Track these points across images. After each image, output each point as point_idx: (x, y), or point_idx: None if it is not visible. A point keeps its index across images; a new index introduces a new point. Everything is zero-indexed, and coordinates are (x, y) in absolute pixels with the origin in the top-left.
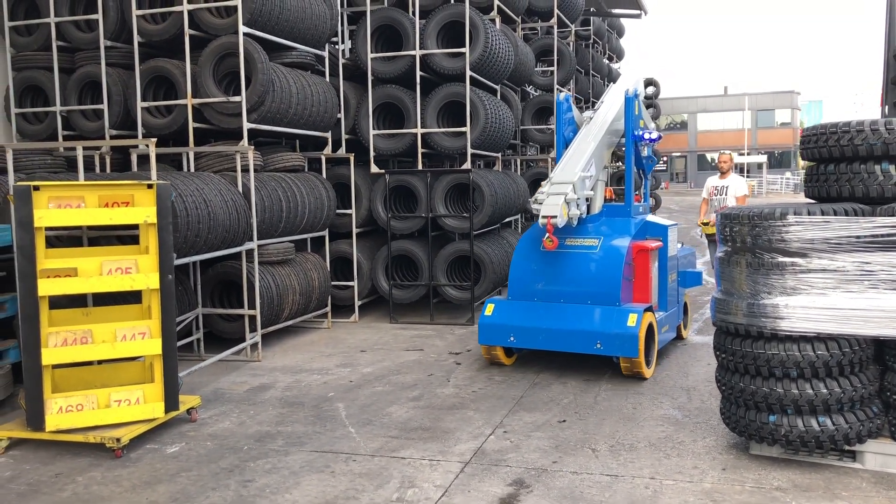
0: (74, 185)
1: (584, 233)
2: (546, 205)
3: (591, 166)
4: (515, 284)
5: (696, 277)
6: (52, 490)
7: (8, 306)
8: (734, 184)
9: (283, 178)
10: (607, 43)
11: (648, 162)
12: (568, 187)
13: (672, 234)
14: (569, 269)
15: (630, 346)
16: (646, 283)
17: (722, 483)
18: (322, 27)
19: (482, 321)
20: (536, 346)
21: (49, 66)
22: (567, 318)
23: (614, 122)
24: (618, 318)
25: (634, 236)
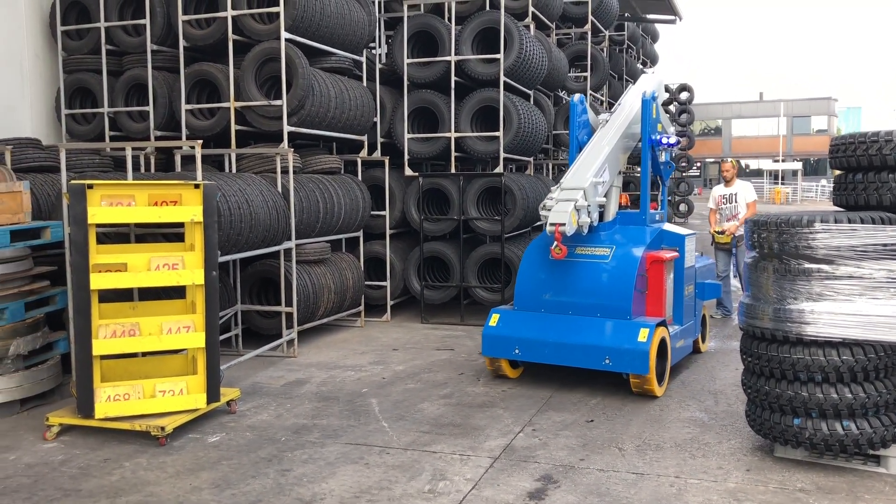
0: (125, 184)
1: (595, 241)
2: (554, 212)
3: (605, 171)
4: (522, 294)
5: (716, 289)
6: (101, 474)
7: (58, 299)
8: (742, 190)
9: (320, 180)
10: (641, 48)
11: (666, 168)
12: (578, 193)
13: (689, 244)
14: (578, 279)
15: (640, 362)
16: (659, 295)
17: (746, 483)
18: (360, 33)
19: (486, 332)
20: (542, 359)
21: (98, 68)
22: (575, 331)
23: (631, 125)
24: (628, 333)
25: (649, 246)
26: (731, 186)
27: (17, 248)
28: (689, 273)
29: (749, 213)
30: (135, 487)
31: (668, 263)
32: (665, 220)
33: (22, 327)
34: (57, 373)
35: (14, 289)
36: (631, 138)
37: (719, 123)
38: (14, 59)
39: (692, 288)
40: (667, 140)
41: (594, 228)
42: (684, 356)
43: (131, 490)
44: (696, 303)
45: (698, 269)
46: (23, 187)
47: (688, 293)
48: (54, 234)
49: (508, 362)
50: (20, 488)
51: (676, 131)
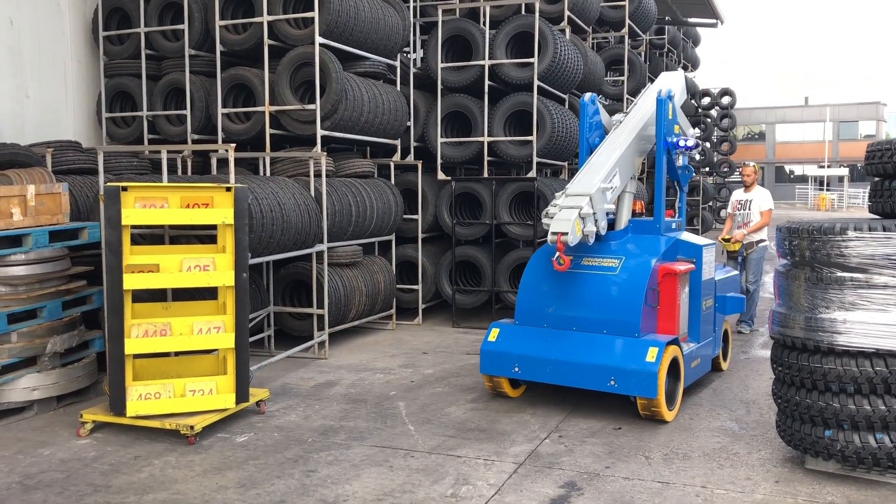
0: (159, 186)
1: (604, 251)
2: (556, 220)
3: (615, 176)
4: (524, 307)
5: (739, 303)
6: (130, 471)
7: (95, 299)
8: (758, 198)
9: (353, 184)
10: (682, 52)
11: (684, 172)
12: (584, 200)
13: (708, 255)
14: (583, 292)
15: (648, 384)
16: (672, 310)
17: (774, 495)
18: (394, 38)
19: (484, 347)
20: (542, 378)
21: (137, 73)
22: (578, 349)
23: (646, 126)
24: (635, 352)
25: (661, 257)
26: (749, 192)
27: (55, 248)
28: (708, 286)
29: (762, 221)
30: (162, 485)
31: (683, 276)
32: (683, 228)
33: (59, 326)
34: (92, 371)
35: (52, 288)
36: (646, 140)
37: (763, 128)
38: (58, 65)
39: (711, 302)
40: (684, 143)
41: (603, 238)
42: (702, 375)
43: (159, 488)
44: (717, 318)
45: (719, 282)
46: (62, 189)
47: (706, 308)
48: (92, 234)
49: (509, 381)
50: (53, 483)
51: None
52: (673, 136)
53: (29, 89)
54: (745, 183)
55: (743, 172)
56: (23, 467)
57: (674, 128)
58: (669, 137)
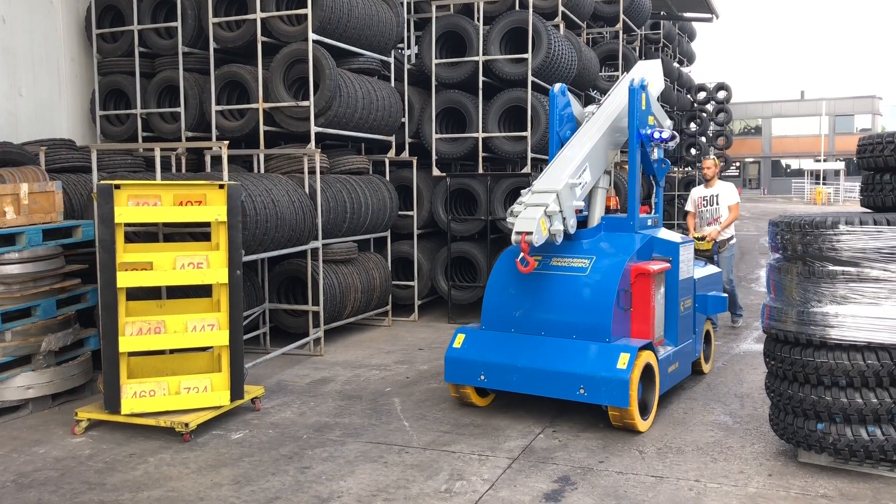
0: (151, 184)
1: (574, 251)
2: (521, 219)
3: (585, 171)
4: (490, 311)
5: (721, 302)
6: (125, 468)
7: (89, 297)
8: (724, 192)
9: (347, 180)
10: (677, 46)
11: (660, 166)
12: (550, 197)
13: (685, 253)
14: (552, 294)
15: (619, 393)
16: (646, 312)
17: (767, 488)
18: (388, 34)
19: (448, 355)
20: (509, 387)
21: (131, 70)
22: (546, 356)
23: (620, 118)
24: (605, 358)
25: (634, 256)
26: (711, 187)
27: (49, 247)
28: (686, 285)
29: (731, 216)
30: (157, 482)
31: (658, 276)
32: (660, 225)
33: (53, 324)
34: (87, 369)
35: (46, 286)
36: (620, 133)
37: (759, 122)
38: (51, 62)
39: (690, 302)
40: (659, 135)
41: (574, 236)
42: (681, 380)
43: (154, 485)
44: (697, 319)
45: (699, 280)
46: (56, 187)
47: (684, 308)
48: (85, 233)
49: (475, 389)
50: (47, 481)
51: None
52: (647, 128)
53: (22, 87)
54: (706, 177)
55: (703, 166)
56: (17, 466)
57: (648, 119)
58: (643, 129)
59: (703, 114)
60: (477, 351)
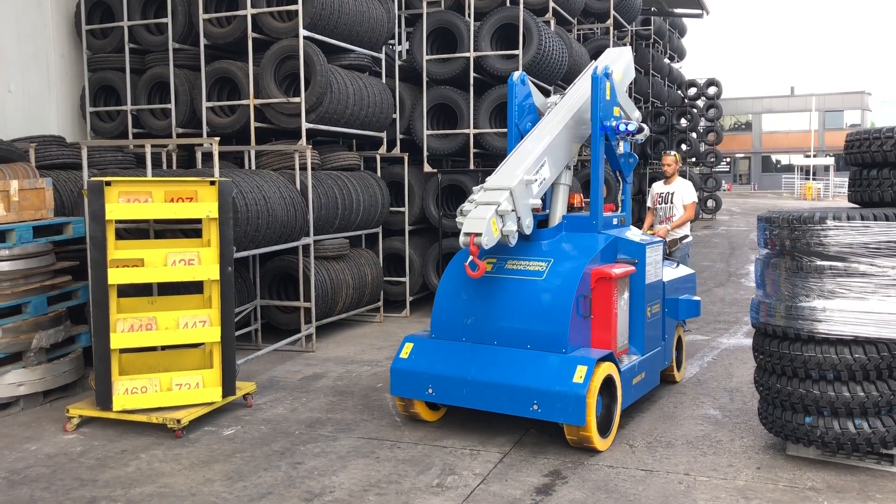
0: (142, 181)
1: (531, 253)
2: (469, 219)
3: (543, 166)
4: (441, 318)
5: (694, 307)
6: (117, 465)
7: (80, 294)
8: (680, 190)
9: (339, 177)
10: (668, 42)
11: (627, 161)
12: (503, 195)
13: (653, 254)
14: (506, 300)
15: (574, 409)
16: (608, 320)
17: (756, 481)
18: (379, 30)
19: (394, 366)
20: (458, 402)
21: (121, 67)
22: (497, 368)
23: (584, 109)
24: (561, 371)
25: (596, 258)
26: (670, 184)
27: (39, 244)
28: (653, 289)
29: (685, 216)
30: (150, 479)
31: (622, 280)
32: (628, 224)
33: (44, 321)
34: (79, 366)
35: (37, 283)
36: (585, 125)
37: (749, 118)
38: (41, 59)
39: (658, 307)
40: (624, 127)
41: (532, 237)
42: (648, 391)
43: (146, 481)
44: (667, 324)
45: (669, 283)
46: (46, 184)
47: (651, 314)
48: (76, 229)
49: (426, 403)
50: (39, 478)
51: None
52: (612, 120)
53: (11, 84)
54: (666, 174)
55: (663, 162)
56: (9, 462)
57: (613, 110)
58: (607, 121)
59: (694, 109)
60: (425, 362)
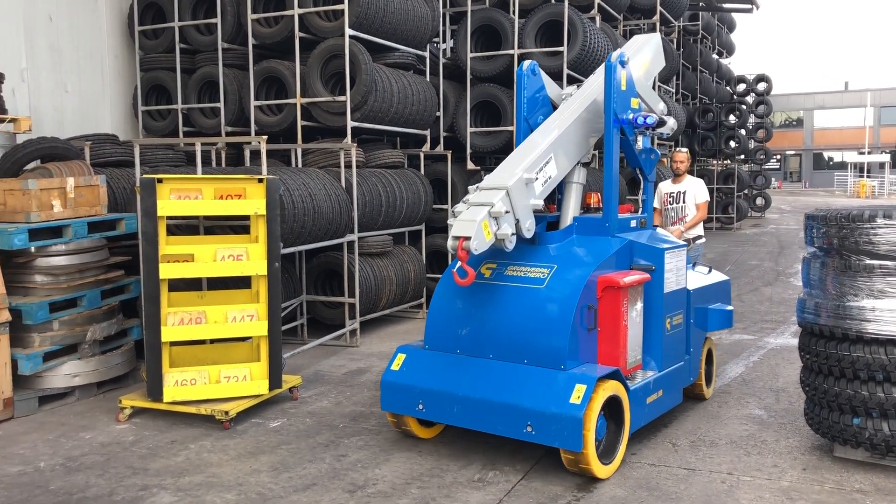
0: (193, 178)
1: (535, 258)
2: (459, 221)
3: (549, 163)
4: (435, 328)
5: (725, 317)
6: (168, 454)
7: (132, 288)
8: (692, 188)
9: (383, 174)
10: (717, 38)
11: (647, 157)
12: (497, 195)
13: (673, 260)
14: (503, 310)
15: (570, 433)
16: (616, 333)
17: (801, 482)
18: (424, 28)
19: (385, 378)
20: (449, 420)
21: (172, 66)
22: (490, 384)
23: (599, 101)
24: (557, 390)
25: (604, 265)
26: (680, 183)
27: (94, 239)
28: (674, 299)
29: (699, 216)
30: (198, 468)
31: (633, 289)
32: (650, 226)
33: (98, 314)
34: (131, 358)
35: (91, 277)
36: (601, 117)
37: (801, 114)
38: (96, 60)
39: (681, 318)
40: (643, 120)
41: (539, 240)
42: (666, 411)
43: (195, 471)
44: (693, 336)
45: (697, 292)
46: (100, 181)
47: (672, 326)
48: (129, 225)
49: (417, 419)
50: (94, 465)
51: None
52: (629, 112)
53: (68, 84)
54: (677, 171)
55: (674, 159)
56: (66, 450)
57: (630, 101)
58: (622, 114)
59: (743, 106)
60: (416, 375)
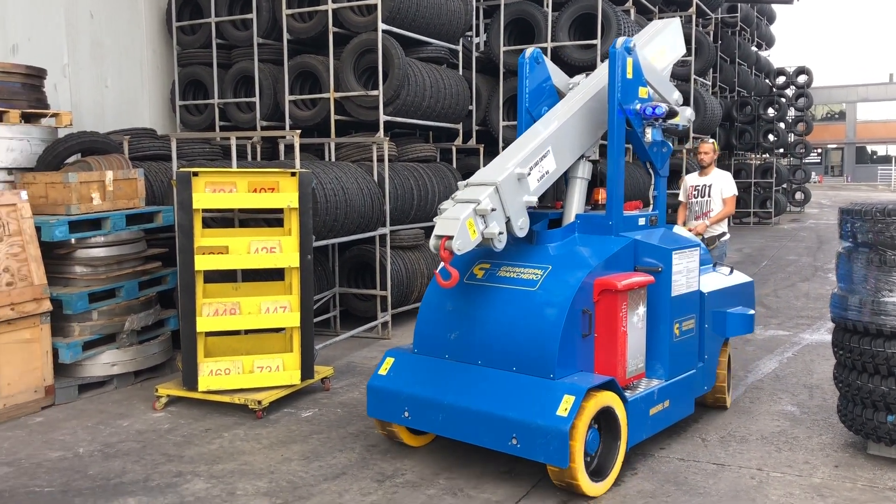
0: (227, 171)
1: (532, 258)
2: (442, 219)
3: (547, 157)
4: (423, 331)
5: (745, 322)
6: (202, 442)
7: (169, 279)
8: (719, 182)
9: (415, 168)
10: (755, 30)
11: (658, 150)
12: (485, 192)
13: (682, 261)
14: (493, 314)
15: (556, 447)
16: (614, 339)
17: (832, 479)
18: (456, 22)
19: (371, 383)
20: (434, 429)
21: (209, 62)
22: (476, 392)
23: (605, 90)
24: (543, 400)
25: (603, 266)
26: (706, 176)
27: (132, 231)
28: (685, 302)
29: (725, 210)
30: (231, 456)
31: (634, 293)
32: (662, 224)
33: (136, 305)
34: (167, 348)
35: (129, 269)
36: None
37: (843, 107)
38: (134, 55)
39: (693, 323)
40: (651, 111)
41: (539, 238)
42: (675, 422)
43: (228, 458)
44: (707, 342)
45: (714, 294)
46: (138, 174)
47: (682, 332)
48: (166, 218)
49: (406, 427)
50: (130, 452)
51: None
52: (635, 102)
53: (108, 79)
54: (702, 164)
55: (699, 150)
56: (104, 437)
57: (637, 90)
58: (629, 104)
59: (782, 99)
60: (403, 381)
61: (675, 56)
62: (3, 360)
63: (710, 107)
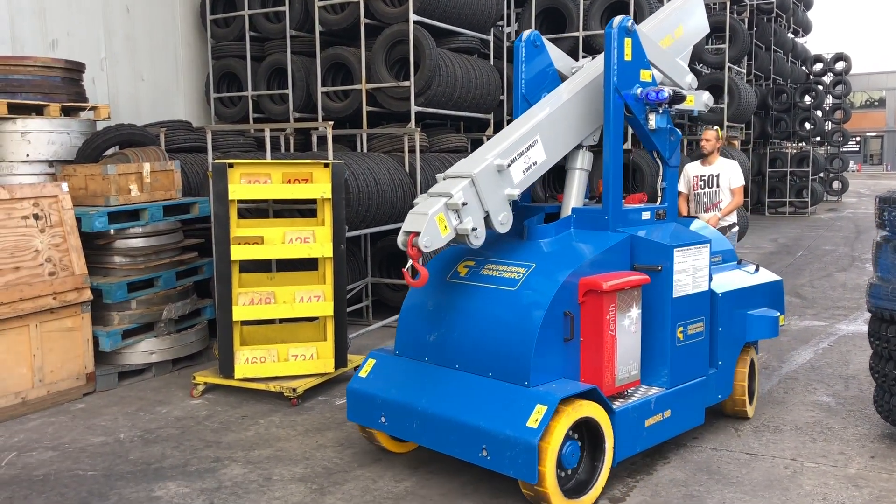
0: (262, 163)
1: (518, 255)
2: (411, 214)
3: (534, 146)
4: (404, 332)
5: (768, 325)
6: (238, 429)
7: (206, 269)
8: (727, 171)
9: (446, 159)
10: (792, 16)
11: (664, 138)
12: (458, 185)
13: (686, 259)
14: (472, 315)
15: (524, 461)
16: (600, 344)
17: (868, 470)
18: (488, 12)
19: (350, 386)
20: (409, 436)
21: (242, 54)
22: (449, 399)
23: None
24: (514, 410)
25: (591, 264)
26: (710, 165)
27: (169, 222)
28: (690, 304)
29: (735, 201)
30: (267, 443)
31: (624, 294)
32: (672, 218)
33: (173, 294)
34: (204, 336)
35: (166, 259)
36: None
37: (883, 94)
38: (169, 49)
39: (700, 326)
40: (654, 95)
41: (531, 234)
42: (675, 436)
43: (264, 445)
44: (727, 346)
45: (730, 295)
46: (174, 166)
47: (685, 336)
48: (202, 209)
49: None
50: (170, 438)
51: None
52: (635, 87)
53: (144, 73)
54: (704, 151)
55: (703, 138)
56: (143, 423)
57: (639, 73)
58: (628, 88)
59: (819, 86)
60: (382, 384)
61: (696, 36)
62: (46, 347)
63: (744, 95)
